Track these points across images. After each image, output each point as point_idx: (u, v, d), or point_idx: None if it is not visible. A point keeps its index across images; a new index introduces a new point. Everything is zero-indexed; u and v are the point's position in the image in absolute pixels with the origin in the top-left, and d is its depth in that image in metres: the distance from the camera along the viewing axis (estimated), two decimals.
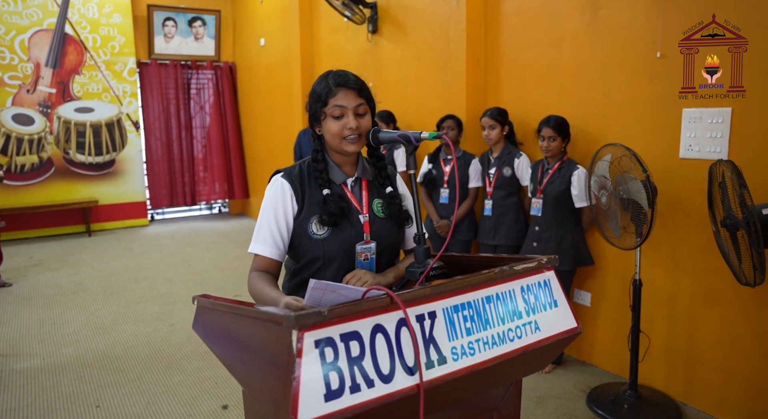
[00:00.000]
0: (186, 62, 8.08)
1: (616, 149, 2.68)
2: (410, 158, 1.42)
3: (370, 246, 1.55)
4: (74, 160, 7.35)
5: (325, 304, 1.13)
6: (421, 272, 1.36)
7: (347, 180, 1.59)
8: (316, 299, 1.14)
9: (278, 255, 1.54)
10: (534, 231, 3.22)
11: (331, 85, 1.50)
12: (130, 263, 5.88)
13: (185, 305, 4.52)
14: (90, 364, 3.47)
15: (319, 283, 1.08)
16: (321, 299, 1.14)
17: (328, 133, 1.51)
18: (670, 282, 2.86)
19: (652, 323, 2.93)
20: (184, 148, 8.17)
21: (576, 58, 3.25)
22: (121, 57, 7.51)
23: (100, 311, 4.43)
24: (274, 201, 1.53)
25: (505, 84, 3.76)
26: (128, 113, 7.65)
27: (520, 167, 3.39)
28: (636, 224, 2.64)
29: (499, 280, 1.13)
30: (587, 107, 3.20)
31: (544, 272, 1.21)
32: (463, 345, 1.04)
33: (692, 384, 2.82)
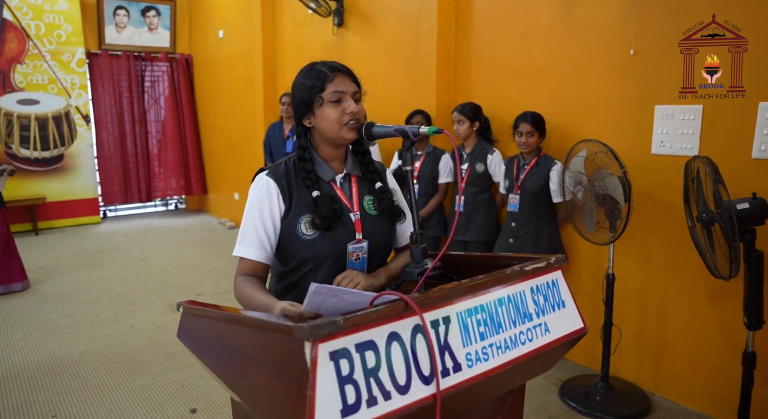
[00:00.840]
0: (139, 54, 7.74)
1: (592, 145, 2.69)
2: (407, 154, 1.35)
3: (362, 245, 1.49)
4: (18, 155, 6.94)
5: (326, 310, 1.06)
6: (419, 272, 1.30)
7: (336, 177, 1.52)
8: (316, 304, 1.07)
9: (265, 258, 1.45)
10: (510, 227, 3.22)
11: (327, 71, 1.43)
12: (83, 263, 5.60)
13: (145, 306, 4.33)
14: (44, 371, 3.27)
15: (321, 287, 1.01)
16: (321, 304, 1.07)
17: (325, 120, 1.43)
18: (641, 276, 2.91)
19: (622, 316, 2.98)
20: (138, 142, 7.85)
21: (549, 54, 3.25)
22: (69, 46, 7.12)
23: (52, 315, 4.18)
24: (259, 201, 1.44)
25: (476, 79, 3.75)
26: (77, 106, 7.27)
27: (493, 163, 3.39)
28: (611, 220, 2.67)
29: (510, 281, 1.09)
30: (560, 103, 3.22)
31: (552, 271, 1.18)
32: (477, 350, 0.99)
33: (660, 374, 2.88)
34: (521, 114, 3.11)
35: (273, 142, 4.89)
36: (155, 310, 4.24)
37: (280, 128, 4.89)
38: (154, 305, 4.33)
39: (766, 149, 2.37)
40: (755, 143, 2.39)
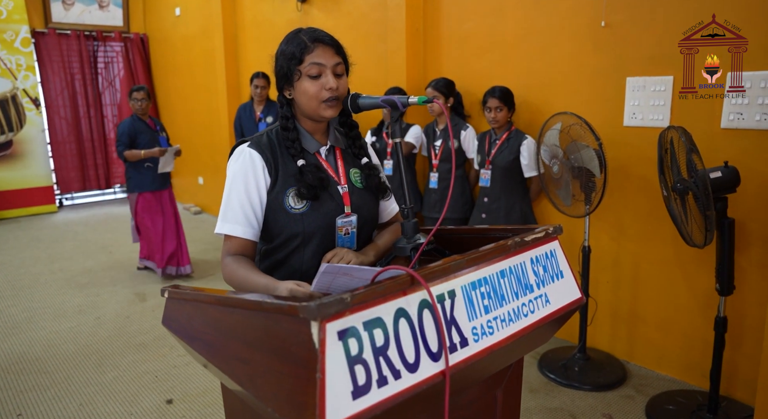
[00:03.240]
0: (91, 33, 7.37)
1: (567, 118, 2.69)
2: (396, 126, 1.30)
3: (351, 219, 1.43)
4: None
5: (335, 289, 1.01)
6: (413, 247, 1.26)
7: (321, 149, 1.45)
8: (325, 284, 1.02)
9: (253, 235, 1.38)
10: (483, 203, 3.21)
11: (307, 41, 1.34)
12: (41, 254, 5.36)
13: (111, 296, 4.17)
14: (5, 368, 3.11)
15: (331, 267, 0.96)
16: (331, 284, 1.02)
17: (303, 95, 1.35)
18: (615, 247, 2.96)
19: (597, 288, 3.03)
20: (94, 127, 7.51)
21: (519, 27, 3.23)
22: (11, 24, 6.71)
23: (11, 309, 3.99)
24: (243, 174, 1.35)
25: (446, 55, 3.70)
26: (25, 89, 6.89)
27: (467, 139, 3.36)
28: (586, 192, 2.68)
29: (511, 252, 1.06)
30: (531, 77, 3.21)
31: (550, 241, 1.15)
32: (483, 324, 0.96)
33: (634, 342, 2.95)
34: (489, 89, 3.09)
35: (245, 124, 4.75)
36: (122, 300, 4.09)
37: (251, 109, 4.74)
38: (120, 295, 4.19)
39: (734, 119, 2.41)
40: (724, 113, 2.43)
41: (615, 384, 2.75)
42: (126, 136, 4.24)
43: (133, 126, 4.27)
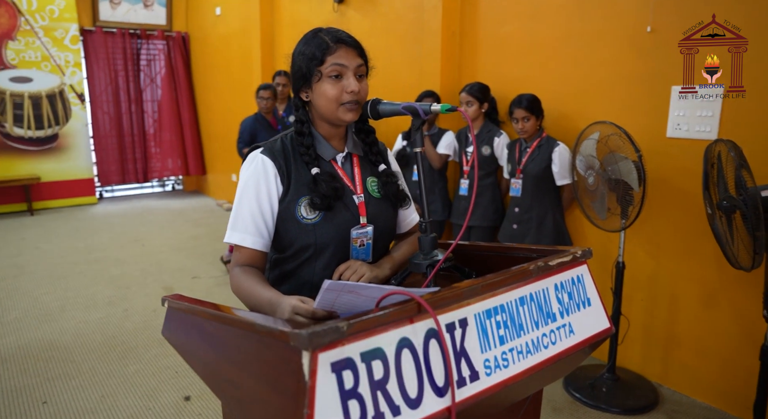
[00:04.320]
0: (135, 31, 7.54)
1: (605, 127, 2.57)
2: (417, 134, 1.23)
3: (367, 230, 1.37)
4: (11, 134, 6.78)
5: (341, 307, 0.96)
6: (429, 264, 1.19)
7: (337, 156, 1.39)
8: (329, 301, 0.96)
9: (263, 245, 1.33)
10: (514, 213, 3.11)
11: (329, 42, 1.29)
12: (79, 244, 5.49)
13: (140, 289, 4.23)
14: (35, 355, 3.18)
15: (335, 284, 0.90)
16: (335, 302, 0.96)
17: (322, 97, 1.29)
18: (651, 264, 2.81)
19: (631, 305, 2.89)
20: (134, 122, 7.68)
21: (559, 32, 3.11)
22: (62, 23, 6.91)
23: (46, 296, 4.09)
24: (255, 181, 1.31)
25: (482, 58, 3.60)
26: (72, 84, 7.09)
27: (500, 146, 3.26)
28: (622, 206, 2.55)
29: (533, 278, 0.98)
30: (569, 84, 3.08)
31: (578, 266, 1.07)
32: (497, 356, 0.89)
33: (669, 365, 2.80)
34: (515, 99, 2.97)
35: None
36: (150, 293, 4.15)
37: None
38: (149, 288, 4.24)
39: None
40: None
41: (646, 408, 2.61)
42: (247, 133, 4.39)
43: (254, 124, 4.40)
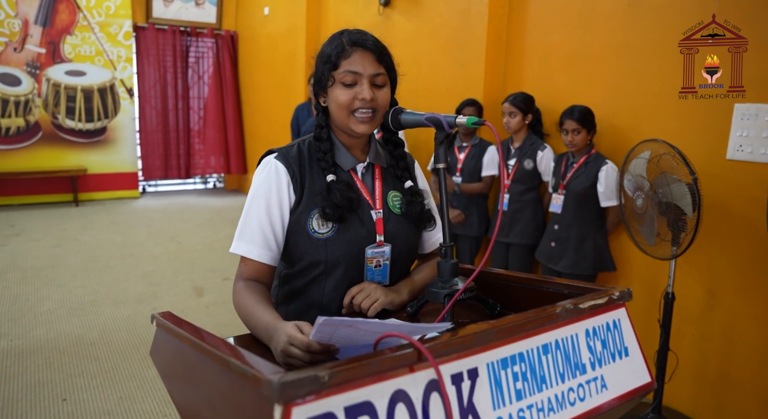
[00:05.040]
0: (185, 29, 7.68)
1: (657, 146, 2.37)
2: (440, 149, 1.11)
3: (384, 250, 1.26)
4: (63, 125, 7.00)
5: (339, 340, 0.86)
6: (447, 295, 1.07)
7: (357, 166, 1.29)
8: (326, 334, 0.86)
9: (271, 258, 1.23)
10: (553, 230, 2.93)
11: (345, 44, 1.19)
12: (117, 238, 5.58)
13: (170, 287, 4.24)
14: (61, 349, 3.20)
15: (330, 320, 0.80)
16: (333, 335, 0.86)
17: (334, 103, 1.20)
18: (705, 297, 2.58)
19: (680, 340, 2.66)
20: (180, 118, 7.81)
21: (610, 41, 2.92)
22: (117, 19, 7.10)
23: (79, 290, 4.14)
24: (266, 189, 1.22)
25: (528, 67, 3.44)
26: (122, 79, 7.27)
27: (544, 160, 3.09)
28: (673, 232, 2.35)
29: (560, 322, 0.84)
30: (619, 97, 2.89)
31: (614, 309, 0.92)
32: (512, 413, 0.76)
33: (722, 408, 2.56)
34: (567, 110, 2.81)
35: (302, 123, 4.68)
36: (179, 292, 4.14)
37: (308, 108, 4.68)
38: (179, 288, 4.24)
39: None
40: None
41: None
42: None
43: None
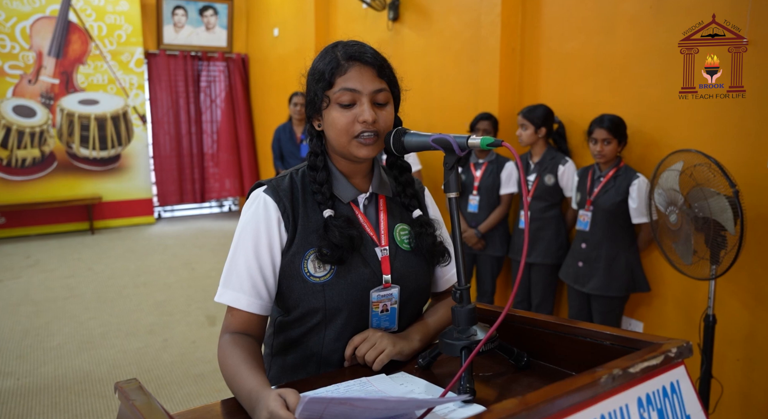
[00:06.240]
0: (196, 53, 7.69)
1: (690, 156, 2.19)
2: (451, 175, 0.96)
3: (392, 293, 1.10)
4: (78, 154, 7.00)
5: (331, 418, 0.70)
6: (464, 347, 0.90)
7: (358, 197, 1.14)
8: (316, 412, 0.71)
9: (261, 308, 1.08)
10: (580, 249, 2.74)
11: (341, 59, 1.05)
12: (131, 266, 5.51)
13: (183, 317, 4.12)
14: (68, 387, 3.08)
15: (316, 399, 0.65)
16: (324, 413, 0.71)
17: (332, 128, 1.05)
18: (750, 319, 2.37)
19: (723, 366, 2.44)
20: (193, 142, 7.78)
21: (633, 47, 2.75)
22: (128, 47, 7.14)
23: (91, 322, 4.05)
24: (254, 228, 1.07)
25: (545, 78, 3.28)
26: (135, 106, 7.28)
27: (565, 174, 2.91)
28: (712, 250, 2.15)
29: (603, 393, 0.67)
30: (645, 105, 2.72)
31: (672, 369, 0.75)
32: None
33: None
34: (597, 118, 2.64)
35: (284, 146, 4.56)
36: (192, 322, 4.02)
37: (290, 129, 4.55)
38: (192, 317, 4.12)
39: None
40: None
41: None
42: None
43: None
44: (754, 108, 2.27)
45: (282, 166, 4.71)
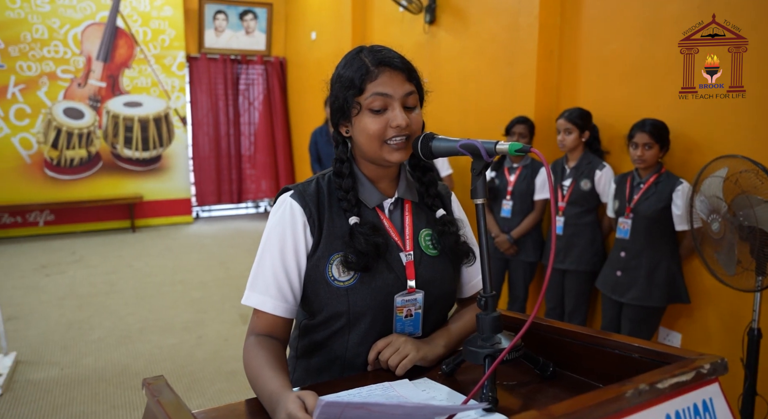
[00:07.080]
0: (236, 57, 7.84)
1: (736, 162, 2.11)
2: (478, 181, 0.94)
3: (416, 298, 1.09)
4: (121, 155, 7.24)
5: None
6: (487, 355, 0.89)
7: (384, 202, 1.13)
8: (333, 415, 0.71)
9: (287, 311, 1.09)
10: (619, 257, 2.67)
11: (370, 65, 1.05)
12: (169, 263, 5.65)
13: (217, 315, 4.20)
14: (107, 379, 3.18)
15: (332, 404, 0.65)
16: (340, 417, 0.70)
17: (363, 134, 1.05)
18: None
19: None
20: (231, 144, 7.94)
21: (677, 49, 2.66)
22: (171, 51, 7.33)
23: (129, 317, 4.17)
24: (280, 232, 1.08)
25: (584, 81, 3.21)
26: (176, 108, 7.47)
27: (602, 180, 2.84)
28: (758, 261, 2.06)
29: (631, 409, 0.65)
30: (687, 109, 2.62)
31: (705, 386, 0.72)
32: None
33: None
34: (638, 122, 2.57)
35: (321, 148, 4.57)
36: (226, 320, 4.10)
37: (327, 132, 4.57)
38: (226, 315, 4.20)
39: None
40: None
41: None
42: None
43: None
44: None
45: (320, 168, 4.75)
